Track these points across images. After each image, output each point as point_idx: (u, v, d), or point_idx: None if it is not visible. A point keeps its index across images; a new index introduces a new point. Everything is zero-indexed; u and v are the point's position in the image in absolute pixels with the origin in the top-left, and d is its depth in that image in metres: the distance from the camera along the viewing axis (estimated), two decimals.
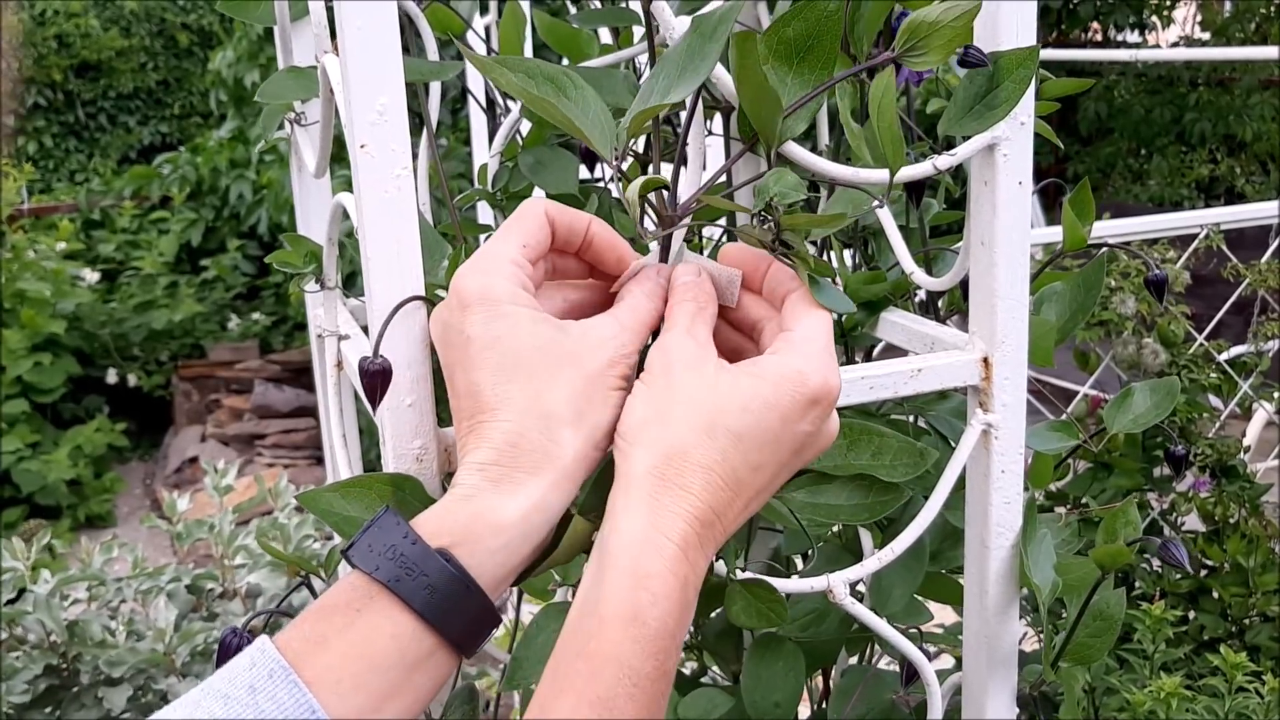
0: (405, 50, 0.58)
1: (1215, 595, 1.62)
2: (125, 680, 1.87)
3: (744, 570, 0.73)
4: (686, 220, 0.62)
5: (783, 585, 0.74)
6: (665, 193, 0.62)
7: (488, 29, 1.51)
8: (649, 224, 0.61)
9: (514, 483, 0.54)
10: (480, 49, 1.10)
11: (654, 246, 0.63)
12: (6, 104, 7.77)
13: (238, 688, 0.49)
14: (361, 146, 0.57)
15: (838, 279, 0.86)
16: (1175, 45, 7.91)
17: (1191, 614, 1.63)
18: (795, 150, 0.63)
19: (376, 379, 0.59)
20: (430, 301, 0.61)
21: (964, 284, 0.74)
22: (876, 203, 0.67)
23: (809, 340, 0.58)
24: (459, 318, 0.56)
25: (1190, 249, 2.24)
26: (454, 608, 0.52)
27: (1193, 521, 1.77)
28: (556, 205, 0.60)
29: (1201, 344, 2.10)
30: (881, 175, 0.64)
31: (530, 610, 0.82)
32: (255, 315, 5.92)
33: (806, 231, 0.60)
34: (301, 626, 0.52)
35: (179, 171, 6.25)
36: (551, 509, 0.55)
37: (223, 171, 6.08)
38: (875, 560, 0.72)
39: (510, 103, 1.13)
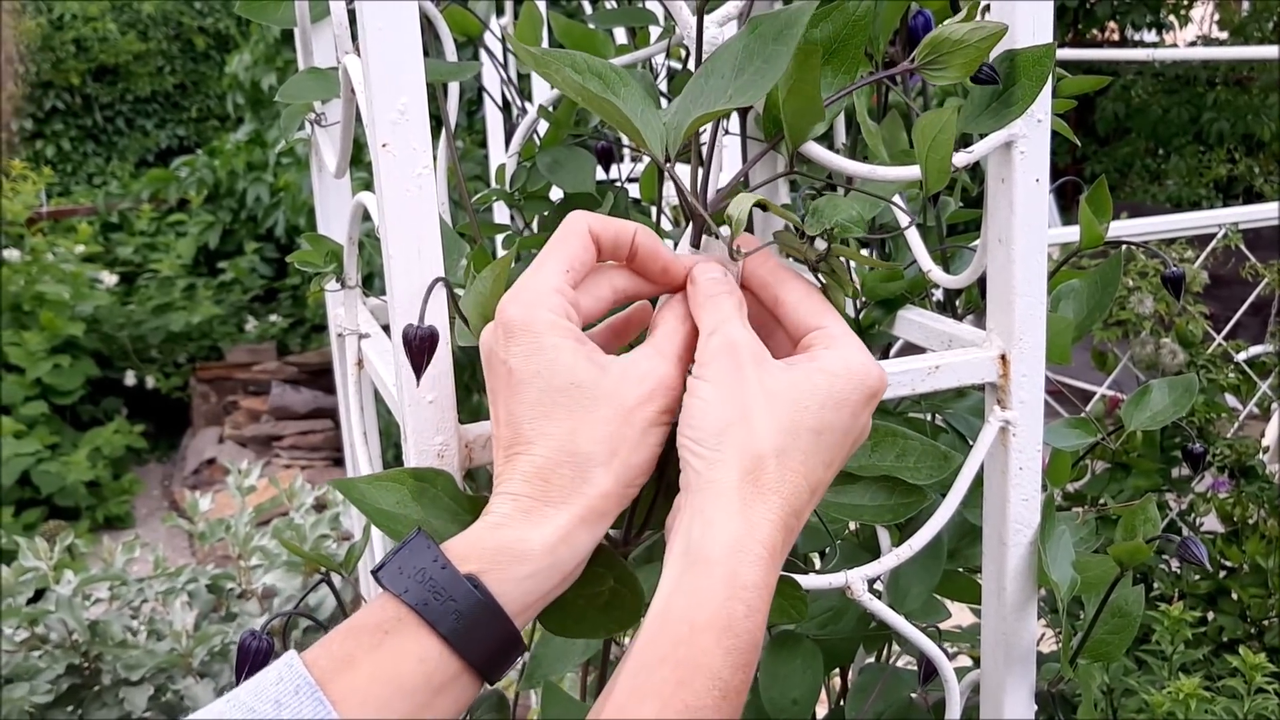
0: (424, 52, 0.59)
1: (1234, 596, 1.61)
2: (146, 680, 1.88)
3: None
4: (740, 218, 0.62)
5: (801, 582, 0.75)
6: (687, 193, 0.62)
7: (504, 31, 1.52)
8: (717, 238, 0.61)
9: (543, 515, 0.54)
10: (497, 50, 1.10)
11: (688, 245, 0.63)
12: (22, 108, 7.82)
13: (264, 701, 0.49)
14: (383, 146, 0.58)
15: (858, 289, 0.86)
16: (1193, 45, 7.87)
17: (1210, 615, 1.62)
18: (815, 149, 0.63)
19: (425, 344, 0.59)
20: (451, 289, 0.61)
21: (981, 282, 0.74)
22: (897, 201, 0.67)
23: (849, 335, 0.57)
24: (502, 347, 0.56)
25: (1208, 248, 2.23)
26: (480, 634, 0.53)
27: (1211, 522, 1.77)
28: (600, 219, 0.59)
29: (1220, 344, 2.10)
30: (899, 173, 0.64)
31: None
32: (272, 317, 5.94)
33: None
34: (330, 645, 0.52)
35: (196, 174, 6.29)
36: (579, 544, 0.55)
37: (240, 174, 6.11)
38: (893, 557, 0.72)
39: (527, 103, 1.14)
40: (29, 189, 5.71)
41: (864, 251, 0.93)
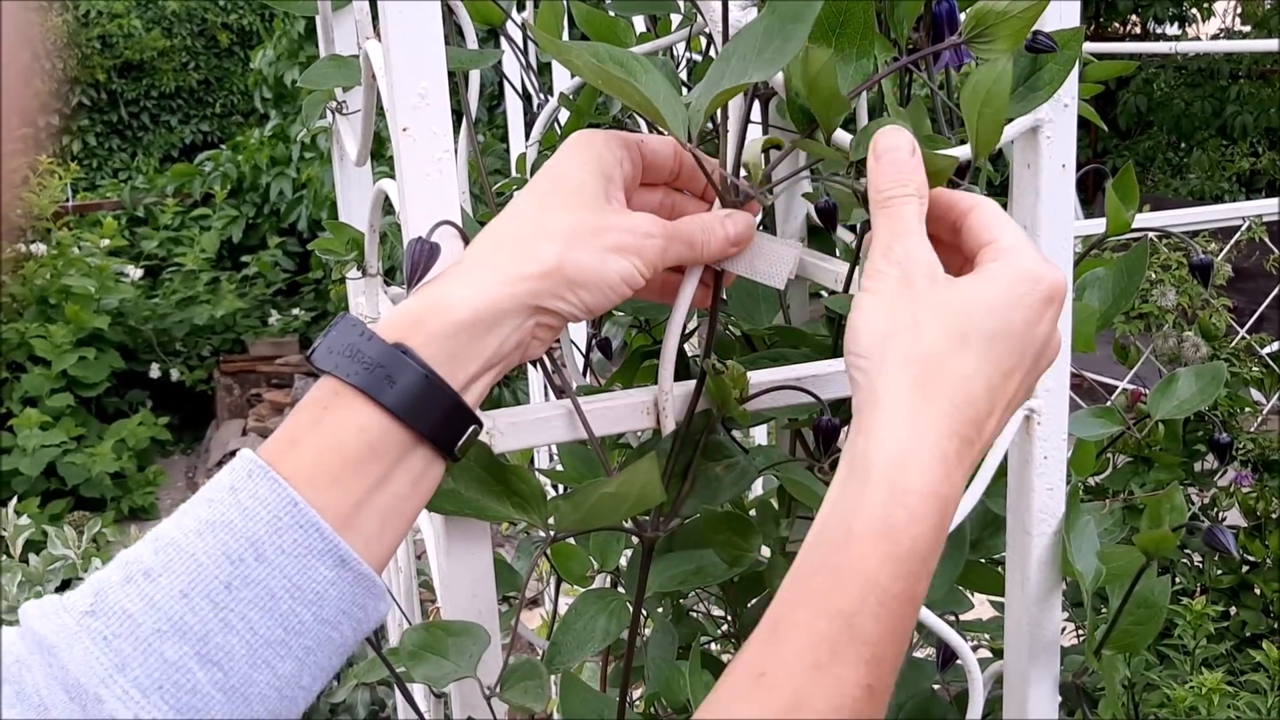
0: (445, 41, 0.59)
1: (1257, 591, 1.60)
2: None
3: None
4: (781, 187, 0.62)
5: None
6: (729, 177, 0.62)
7: (525, 21, 1.52)
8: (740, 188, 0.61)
9: (473, 273, 0.55)
10: (519, 40, 1.10)
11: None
12: (48, 104, 7.86)
13: (219, 491, 0.51)
14: (404, 130, 0.58)
15: None
16: (1215, 38, 7.81)
17: (1233, 610, 1.61)
18: (842, 136, 0.63)
19: (426, 248, 0.58)
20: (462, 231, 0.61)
21: None
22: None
23: (1023, 242, 0.56)
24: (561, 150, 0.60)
25: (1232, 241, 2.21)
26: (418, 400, 0.53)
27: (1234, 517, 1.75)
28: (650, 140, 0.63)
29: (1243, 337, 2.08)
30: None
31: (568, 602, 0.83)
32: (295, 311, 5.97)
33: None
34: (277, 433, 0.53)
35: (220, 169, 6.32)
36: (503, 310, 0.55)
37: (263, 169, 6.13)
38: None
39: (548, 96, 1.13)
40: (55, 184, 5.75)
41: None
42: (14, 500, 3.18)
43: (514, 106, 1.94)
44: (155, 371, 5.60)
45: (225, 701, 0.48)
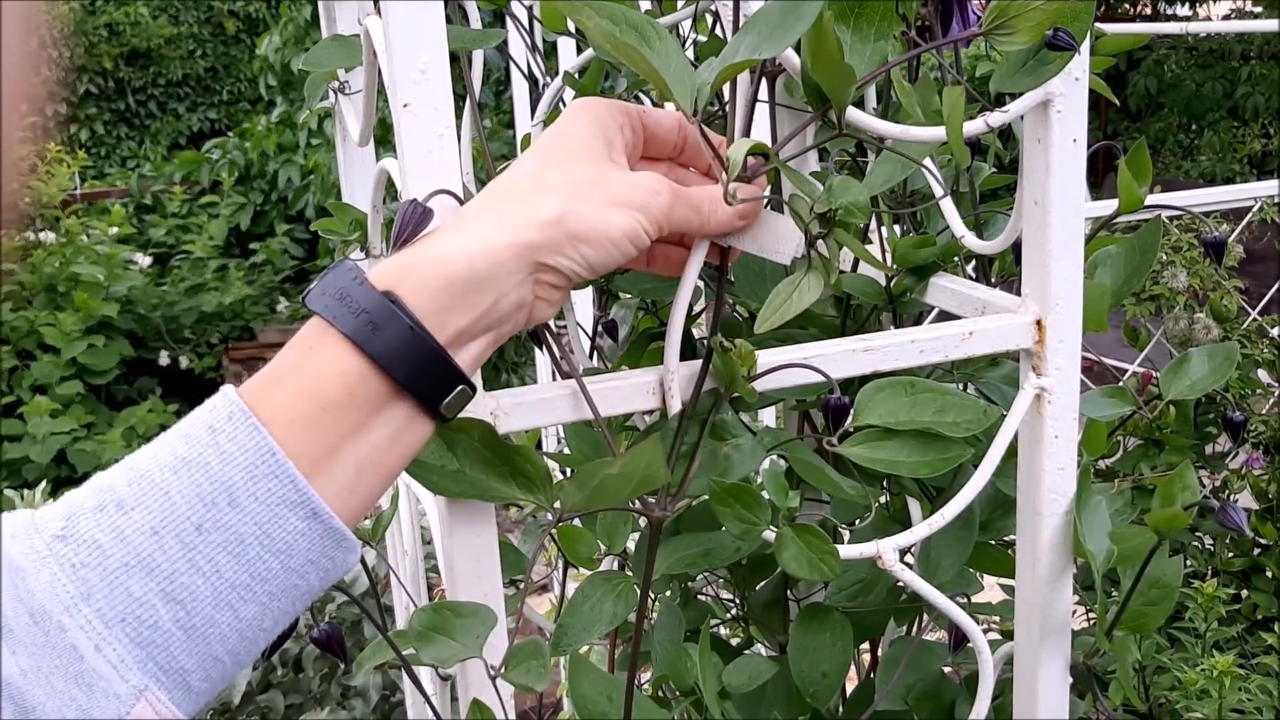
0: (448, 21, 0.58)
1: (1269, 574, 1.59)
2: None
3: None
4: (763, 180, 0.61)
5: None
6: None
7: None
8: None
9: (472, 225, 0.55)
10: (524, 21, 1.09)
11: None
12: (56, 92, 7.87)
13: (198, 428, 0.51)
14: (404, 105, 0.57)
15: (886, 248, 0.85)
16: (1227, 18, 7.76)
17: (1244, 592, 1.60)
18: (853, 113, 0.62)
19: (419, 211, 0.57)
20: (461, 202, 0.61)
21: (1016, 247, 0.72)
22: (929, 165, 0.66)
23: None
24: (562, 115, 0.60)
25: (1243, 222, 2.20)
26: (401, 350, 0.52)
27: (1245, 500, 1.74)
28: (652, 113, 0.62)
29: (1255, 319, 2.06)
30: (933, 133, 0.63)
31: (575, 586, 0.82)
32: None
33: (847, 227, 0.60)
34: (264, 370, 0.53)
35: (227, 157, 6.32)
36: (500, 262, 0.54)
37: (270, 156, 6.13)
38: (925, 527, 0.71)
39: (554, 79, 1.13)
40: (64, 172, 5.75)
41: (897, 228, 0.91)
42: (38, 487, 3.19)
43: (520, 91, 1.93)
44: (164, 359, 5.61)
45: (186, 640, 0.48)
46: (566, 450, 0.88)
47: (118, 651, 0.47)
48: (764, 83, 0.83)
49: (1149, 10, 7.83)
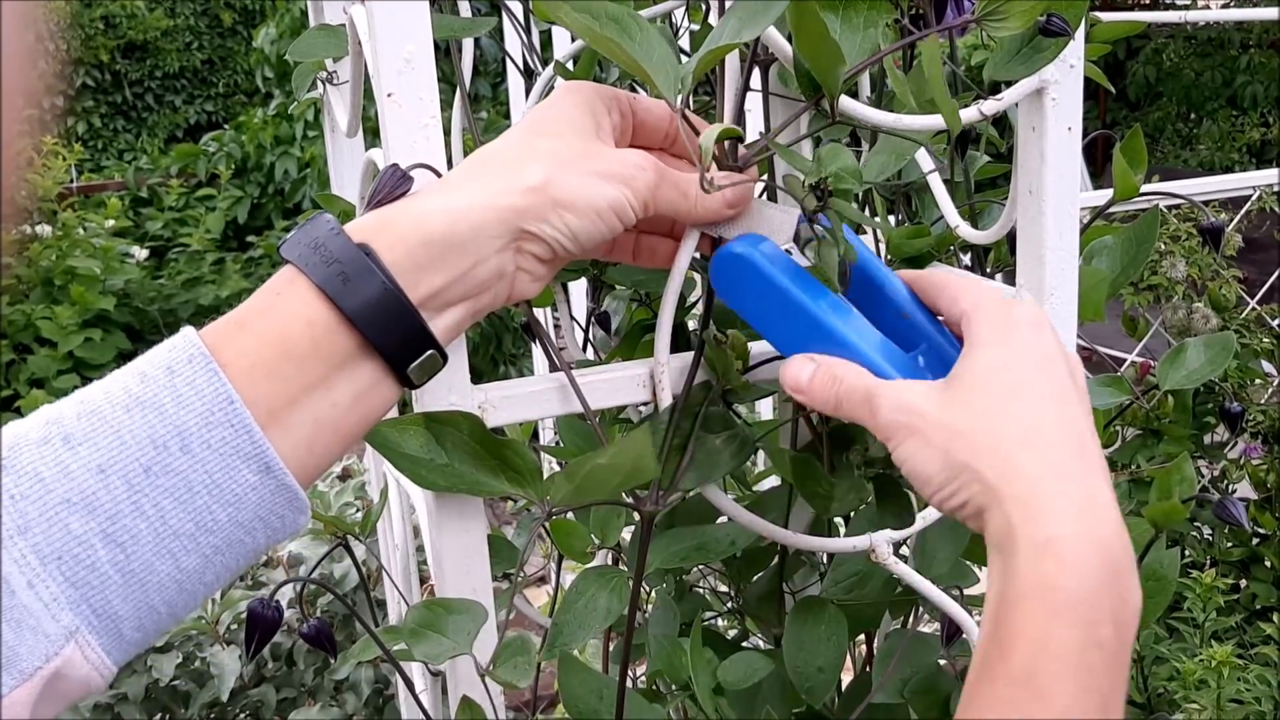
0: (437, 9, 0.57)
1: (1267, 564, 1.59)
2: (174, 648, 1.89)
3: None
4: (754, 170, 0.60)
5: (825, 545, 0.73)
6: (727, 143, 0.60)
7: None
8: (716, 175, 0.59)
9: (456, 187, 0.54)
10: (519, 13, 1.08)
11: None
12: (53, 85, 7.85)
13: (155, 368, 0.49)
14: (389, 95, 0.56)
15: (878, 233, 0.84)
16: (1226, 6, 7.74)
17: (1243, 583, 1.60)
18: (847, 103, 0.61)
19: (398, 175, 0.56)
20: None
21: (1011, 237, 0.72)
22: (922, 152, 0.65)
23: (978, 302, 0.57)
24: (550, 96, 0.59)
25: (1242, 211, 2.19)
26: (371, 304, 0.51)
27: (1244, 489, 1.74)
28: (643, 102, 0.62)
29: (1254, 308, 2.06)
30: (926, 121, 0.62)
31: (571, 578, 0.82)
32: None
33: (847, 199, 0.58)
34: (230, 313, 0.52)
35: (224, 149, 6.30)
36: (482, 223, 0.53)
37: (267, 149, 6.12)
38: (920, 520, 0.71)
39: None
40: (60, 165, 5.74)
41: (891, 219, 0.91)
42: None
43: (515, 82, 1.93)
44: None
45: (123, 583, 0.47)
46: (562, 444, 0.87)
47: (50, 590, 0.45)
48: (759, 73, 0.83)
49: (1147, 0, 7.82)
